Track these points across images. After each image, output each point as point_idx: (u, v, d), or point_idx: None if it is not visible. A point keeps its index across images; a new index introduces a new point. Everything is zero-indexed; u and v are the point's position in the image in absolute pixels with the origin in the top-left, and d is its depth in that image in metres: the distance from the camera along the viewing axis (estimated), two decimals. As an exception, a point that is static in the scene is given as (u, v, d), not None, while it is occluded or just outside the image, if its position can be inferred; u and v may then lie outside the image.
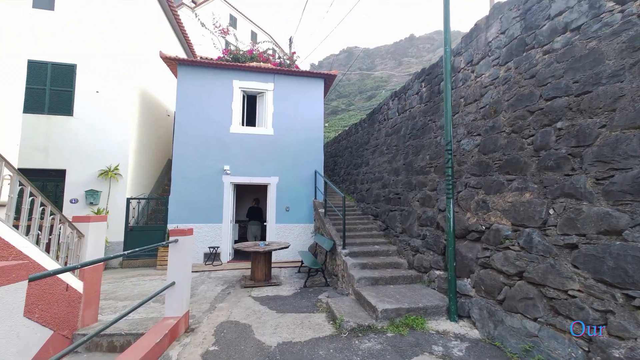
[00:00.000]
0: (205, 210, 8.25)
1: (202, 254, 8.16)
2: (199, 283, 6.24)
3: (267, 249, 5.94)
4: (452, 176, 3.95)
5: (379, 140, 8.93)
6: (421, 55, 57.53)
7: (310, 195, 8.90)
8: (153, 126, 9.56)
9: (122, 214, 7.86)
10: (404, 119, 7.66)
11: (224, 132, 8.56)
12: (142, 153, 8.79)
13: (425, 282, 4.67)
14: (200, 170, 8.32)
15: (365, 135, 10.38)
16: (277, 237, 8.57)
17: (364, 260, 5.22)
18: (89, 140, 7.84)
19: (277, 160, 8.80)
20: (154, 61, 9.43)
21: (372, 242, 6.12)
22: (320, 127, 9.19)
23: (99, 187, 7.80)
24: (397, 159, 7.39)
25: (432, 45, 57.90)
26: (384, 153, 8.33)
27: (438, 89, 6.29)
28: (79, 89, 7.88)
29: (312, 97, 9.17)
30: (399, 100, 8.17)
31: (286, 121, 8.95)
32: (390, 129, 8.38)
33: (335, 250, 5.81)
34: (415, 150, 6.56)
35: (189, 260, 3.92)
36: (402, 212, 6.09)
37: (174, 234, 3.77)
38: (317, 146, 9.11)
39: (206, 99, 8.52)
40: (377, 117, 9.51)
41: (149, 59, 9.17)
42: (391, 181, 7.24)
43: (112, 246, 7.77)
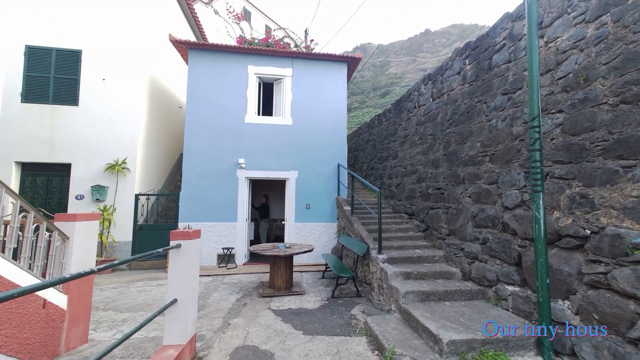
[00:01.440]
0: (218, 208, 7.44)
1: (215, 256, 7.35)
2: (211, 290, 5.40)
3: (288, 253, 5.03)
4: (542, 162, 2.90)
5: (409, 130, 7.89)
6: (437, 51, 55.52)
7: (333, 191, 7.95)
8: (164, 118, 8.82)
9: (130, 212, 7.14)
10: (440, 104, 6.61)
11: (238, 122, 7.71)
12: (151, 146, 8.05)
13: (491, 299, 3.63)
14: (213, 164, 7.51)
15: (391, 126, 9.35)
16: (296, 237, 7.68)
17: (406, 269, 4.23)
18: (95, 132, 7.14)
19: (296, 153, 7.89)
20: (165, 49, 8.67)
21: (412, 245, 5.11)
22: (343, 116, 8.22)
23: (105, 182, 7.09)
24: (434, 149, 6.35)
25: (448, 40, 55.75)
26: (416, 144, 7.29)
27: (489, 64, 5.22)
28: (85, 76, 7.19)
29: (334, 84, 8.20)
30: (433, 84, 7.11)
31: (306, 110, 8.02)
32: (422, 116, 7.34)
33: (368, 255, 4.84)
34: (459, 137, 5.51)
35: (195, 270, 3.04)
36: (448, 210, 5.05)
37: (176, 237, 2.89)
38: (340, 137, 8.14)
39: (219, 86, 7.69)
40: (405, 106, 8.46)
41: (159, 46, 8.41)
42: (428, 174, 6.20)
43: (120, 246, 7.06)
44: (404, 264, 4.48)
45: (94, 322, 4.03)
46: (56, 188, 7.10)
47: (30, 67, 6.98)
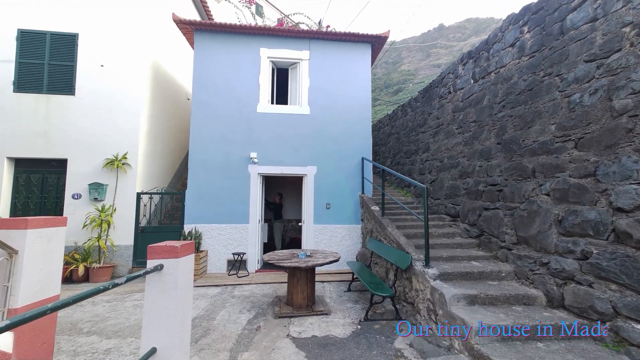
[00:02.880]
0: (228, 208, 6.52)
1: (224, 262, 6.44)
2: (218, 306, 4.46)
3: (310, 264, 4.03)
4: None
5: (443, 118, 6.76)
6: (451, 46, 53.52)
7: (356, 188, 6.90)
8: (169, 110, 7.97)
9: (131, 212, 6.30)
10: (486, 84, 5.49)
11: (249, 111, 6.77)
12: (155, 140, 7.20)
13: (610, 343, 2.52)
14: (223, 159, 6.59)
15: (418, 116, 8.22)
16: (315, 241, 6.68)
17: (468, 289, 3.16)
18: (93, 124, 6.33)
19: (315, 145, 6.88)
20: (169, 34, 7.82)
21: (465, 255, 4.02)
22: (367, 104, 7.15)
23: (104, 179, 6.27)
24: (481, 137, 5.22)
25: (463, 34, 53.61)
26: (453, 133, 6.17)
27: (560, 27, 4.10)
28: (81, 63, 6.39)
29: (357, 67, 7.15)
30: (475, 62, 5.98)
31: (325, 97, 7.00)
32: (461, 102, 6.21)
33: (412, 269, 3.78)
34: (520, 121, 4.39)
35: (185, 302, 2.07)
36: (513, 211, 3.93)
37: (156, 254, 1.92)
38: (364, 128, 7.08)
39: (228, 72, 6.76)
40: (436, 92, 7.35)
41: (162, 31, 7.56)
42: (476, 168, 5.07)
43: (120, 251, 6.24)
44: (463, 282, 3.40)
45: (70, 353, 3.15)
46: (52, 186, 6.33)
47: (23, 53, 6.22)
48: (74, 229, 6.06)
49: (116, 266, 6.18)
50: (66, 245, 5.96)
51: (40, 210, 6.25)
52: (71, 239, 6.04)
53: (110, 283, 1.57)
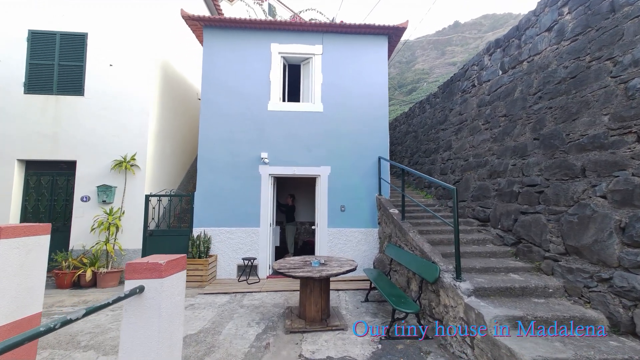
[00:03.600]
0: (238, 210, 6.19)
1: (234, 267, 6.11)
2: (226, 318, 4.10)
3: (324, 274, 3.61)
4: None
5: (467, 114, 6.22)
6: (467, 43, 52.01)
7: (373, 190, 6.44)
8: (180, 110, 7.76)
9: (139, 215, 6.08)
10: (518, 75, 4.95)
11: (260, 110, 6.43)
12: (165, 141, 6.98)
13: None
14: (232, 159, 6.28)
15: (438, 113, 7.69)
16: (329, 245, 6.26)
17: (512, 310, 2.66)
18: (102, 125, 6.16)
19: (329, 145, 6.47)
20: (179, 32, 7.61)
21: (501, 266, 3.50)
22: (384, 101, 6.68)
23: (113, 181, 6.08)
24: (513, 133, 4.68)
25: (479, 31, 52.01)
26: (479, 129, 5.63)
27: (610, 4, 3.56)
28: (91, 63, 6.23)
29: (373, 62, 6.69)
30: (504, 51, 5.43)
31: (339, 94, 6.58)
32: (487, 95, 5.67)
33: (440, 281, 3.28)
34: (562, 113, 3.84)
35: (173, 332, 1.68)
36: (559, 216, 3.38)
37: (136, 272, 1.56)
38: (381, 126, 6.61)
39: (238, 69, 6.45)
40: (457, 86, 6.81)
41: (172, 29, 7.35)
42: (508, 166, 4.53)
43: (129, 254, 6.01)
44: (503, 300, 2.89)
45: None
46: (62, 188, 6.19)
47: (34, 54, 6.12)
48: (83, 232, 5.88)
49: (124, 271, 5.96)
50: (75, 249, 5.79)
51: (50, 213, 6.11)
52: (79, 242, 5.86)
53: (88, 309, 1.20)
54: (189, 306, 4.54)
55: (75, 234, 5.93)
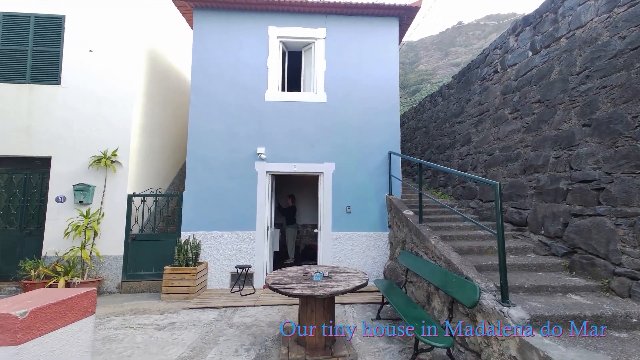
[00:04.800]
0: (232, 212, 5.47)
1: (227, 276, 5.37)
2: (210, 342, 3.35)
3: (328, 293, 2.85)
4: None
5: (488, 103, 5.46)
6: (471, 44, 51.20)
7: (382, 189, 5.68)
8: (171, 103, 7.07)
9: (121, 217, 5.37)
10: (554, 53, 4.21)
11: (256, 100, 5.71)
12: (153, 135, 6.28)
13: None
14: (225, 155, 5.56)
15: (452, 105, 6.93)
16: (333, 251, 5.50)
17: (593, 355, 1.87)
18: (80, 117, 5.47)
19: (333, 138, 5.73)
20: (170, 20, 6.93)
21: (557, 284, 2.72)
22: (394, 90, 5.93)
23: (91, 180, 5.38)
24: (552, 120, 3.91)
25: (483, 32, 51.14)
26: (505, 119, 4.87)
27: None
28: (68, 49, 5.55)
29: (382, 46, 5.95)
30: (534, 29, 4.69)
31: (344, 83, 5.84)
32: (514, 80, 4.93)
33: (480, 307, 2.50)
34: (624, 92, 3.10)
35: None
36: (632, 220, 2.59)
37: None
38: (392, 118, 5.86)
39: (232, 54, 5.74)
40: (476, 74, 6.06)
41: (162, 16, 6.68)
42: (549, 159, 3.75)
43: (108, 262, 5.30)
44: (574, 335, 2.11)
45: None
46: (35, 188, 5.50)
47: (5, 38, 5.46)
48: (57, 237, 5.18)
49: (103, 280, 5.24)
50: (48, 256, 5.09)
51: (23, 215, 5.42)
52: (53, 248, 5.16)
53: None
54: (168, 326, 3.80)
55: (49, 239, 5.23)
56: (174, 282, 4.83)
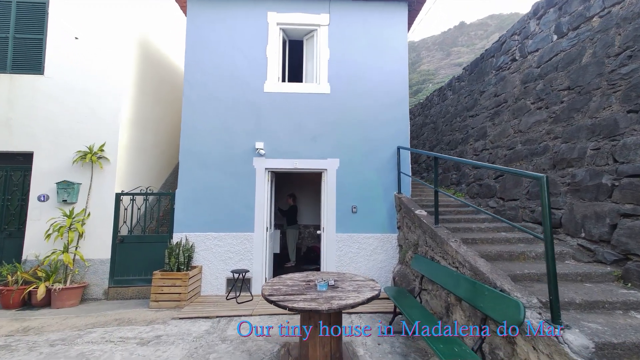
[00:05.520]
0: (228, 212, 5.01)
1: (223, 281, 4.91)
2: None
3: (335, 307, 2.38)
4: None
5: (506, 93, 5.01)
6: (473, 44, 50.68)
7: (391, 186, 5.21)
8: (165, 96, 6.63)
9: (108, 218, 4.93)
10: (585, 35, 3.75)
11: (255, 92, 5.26)
12: (144, 130, 5.84)
13: None
14: (221, 151, 5.12)
15: (464, 99, 6.46)
16: (338, 254, 5.03)
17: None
18: (64, 109, 5.04)
19: (337, 132, 5.27)
20: (165, 10, 6.50)
21: (613, 299, 2.25)
22: (403, 79, 5.47)
23: (76, 177, 4.94)
24: (587, 107, 3.44)
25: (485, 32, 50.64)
26: (528, 110, 4.40)
27: None
28: (52, 36, 5.12)
29: (390, 34, 5.49)
30: (560, 10, 4.23)
31: (349, 73, 5.38)
32: (537, 67, 4.48)
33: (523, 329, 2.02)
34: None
35: None
36: None
37: None
38: (401, 111, 5.39)
39: (229, 43, 5.30)
40: (490, 64, 5.62)
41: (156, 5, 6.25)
42: (586, 152, 3.27)
43: (94, 266, 4.85)
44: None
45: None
46: (17, 186, 5.07)
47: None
48: (39, 239, 4.74)
49: (88, 286, 4.80)
50: (28, 259, 4.65)
51: (3, 215, 4.99)
52: (33, 251, 4.71)
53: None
54: (153, 340, 3.34)
55: (30, 240, 4.79)
56: (164, 289, 4.37)
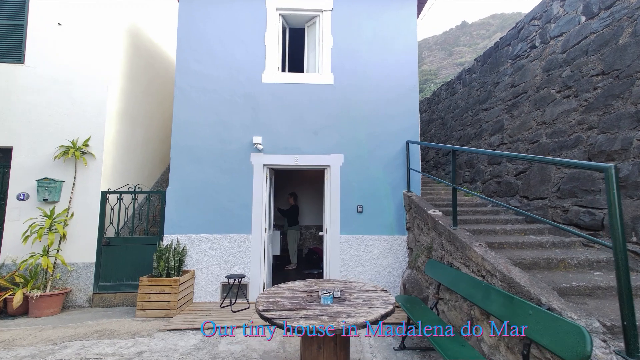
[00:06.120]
0: (223, 212, 4.59)
1: (218, 286, 4.49)
2: (181, 387, 2.46)
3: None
4: None
5: (526, 83, 4.57)
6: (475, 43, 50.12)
7: (400, 184, 4.77)
8: (157, 88, 6.21)
9: (93, 218, 4.51)
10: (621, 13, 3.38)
11: (252, 82, 4.83)
12: (135, 123, 5.43)
13: None
14: (216, 146, 4.69)
15: (475, 92, 6.02)
16: (342, 258, 4.60)
17: None
18: (46, 100, 4.63)
19: (341, 127, 4.84)
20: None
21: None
22: (412, 69, 5.03)
23: (59, 174, 4.53)
24: (628, 93, 3.01)
25: (488, 31, 50.06)
26: (553, 99, 3.95)
27: None
28: (34, 22, 4.71)
29: (398, 19, 5.06)
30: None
31: (354, 62, 4.95)
32: (562, 53, 4.06)
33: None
34: None
35: None
36: None
37: None
38: (410, 103, 4.95)
39: (224, 30, 4.88)
40: (505, 54, 5.19)
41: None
42: (631, 142, 2.82)
43: (78, 270, 4.43)
44: None
45: None
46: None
47: (-39, 11, 4.64)
48: (18, 241, 4.32)
49: (71, 292, 4.38)
50: (6, 263, 4.23)
51: (-20, 215, 4.58)
52: (10, 255, 4.30)
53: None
54: (135, 356, 2.91)
55: (9, 243, 4.38)
56: (151, 296, 3.95)
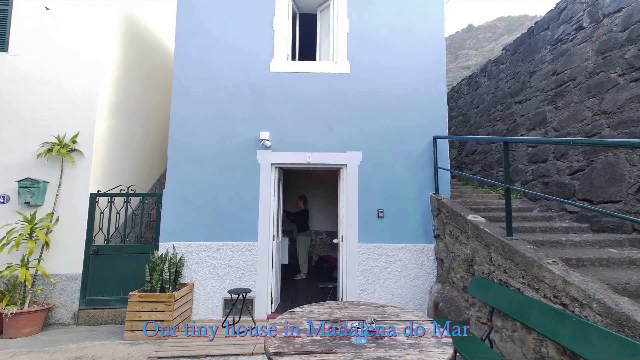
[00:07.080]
0: (226, 217, 4.01)
1: (219, 302, 3.89)
2: None
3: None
4: None
5: (571, 70, 3.97)
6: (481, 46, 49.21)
7: (426, 185, 4.13)
8: (155, 82, 5.68)
9: (80, 223, 3.95)
10: None
11: (259, 72, 4.27)
12: (129, 119, 4.89)
13: None
14: (218, 142, 4.13)
15: (505, 84, 5.39)
16: (361, 270, 3.97)
17: None
18: (32, 92, 4.12)
19: (359, 120, 4.24)
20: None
21: None
22: (439, 58, 4.42)
23: (43, 174, 4.00)
24: None
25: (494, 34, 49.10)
26: (614, 84, 3.33)
27: None
28: (19, 6, 4.23)
29: (422, 2, 4.46)
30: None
31: (373, 48, 4.36)
32: (622, 31, 3.61)
33: None
34: None
35: None
36: None
37: None
38: (436, 93, 4.34)
39: (228, 13, 4.34)
40: (542, 39, 4.59)
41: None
42: None
43: (62, 282, 3.87)
44: None
45: None
46: (-25, 185, 4.13)
47: (-60, -5, 4.17)
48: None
49: (53, 308, 3.81)
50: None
51: (-43, 219, 4.05)
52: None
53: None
54: (114, 399, 2.31)
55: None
56: (142, 315, 3.36)
